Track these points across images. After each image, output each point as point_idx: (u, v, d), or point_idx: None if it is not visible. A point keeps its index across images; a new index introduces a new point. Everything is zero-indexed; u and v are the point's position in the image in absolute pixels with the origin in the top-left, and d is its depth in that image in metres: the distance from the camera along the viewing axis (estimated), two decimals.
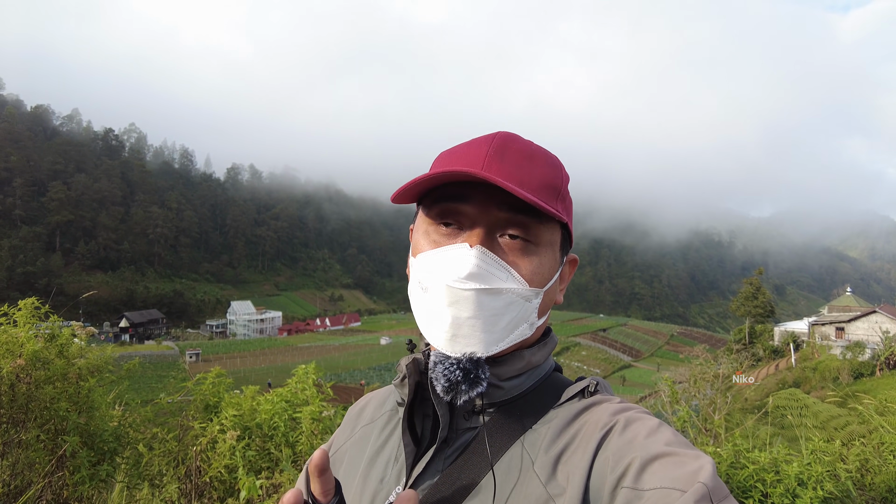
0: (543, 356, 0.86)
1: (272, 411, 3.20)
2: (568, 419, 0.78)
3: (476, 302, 0.75)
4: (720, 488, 0.61)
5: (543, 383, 0.85)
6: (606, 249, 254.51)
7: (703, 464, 0.63)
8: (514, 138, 0.83)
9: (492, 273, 0.76)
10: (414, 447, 0.82)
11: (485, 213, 0.78)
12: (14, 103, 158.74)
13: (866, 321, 43.22)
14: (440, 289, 0.77)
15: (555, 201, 0.80)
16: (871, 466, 3.40)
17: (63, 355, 3.12)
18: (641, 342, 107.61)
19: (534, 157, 0.82)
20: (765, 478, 2.74)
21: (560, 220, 0.81)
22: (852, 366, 32.13)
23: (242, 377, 44.37)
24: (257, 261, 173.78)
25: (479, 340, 0.77)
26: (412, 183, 0.77)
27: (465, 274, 0.75)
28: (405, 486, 0.80)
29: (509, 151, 0.80)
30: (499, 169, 0.77)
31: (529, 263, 0.79)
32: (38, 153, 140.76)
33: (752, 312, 55.87)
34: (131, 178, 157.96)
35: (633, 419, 0.74)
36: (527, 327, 0.80)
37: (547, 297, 0.83)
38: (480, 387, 0.76)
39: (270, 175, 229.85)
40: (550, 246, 0.82)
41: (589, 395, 0.82)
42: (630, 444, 0.69)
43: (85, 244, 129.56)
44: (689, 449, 0.67)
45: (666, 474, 0.63)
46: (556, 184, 0.82)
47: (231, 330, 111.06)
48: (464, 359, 0.77)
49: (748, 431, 4.43)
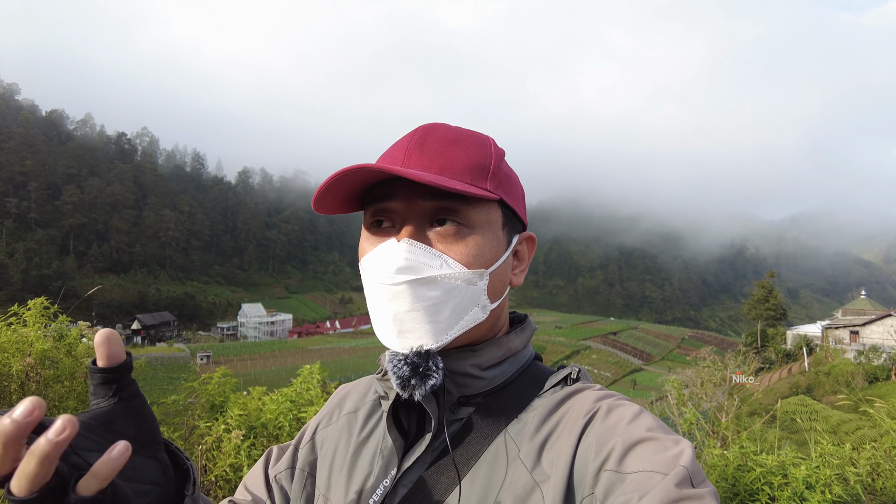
0: (522, 342, 0.86)
1: (277, 411, 3.22)
2: (552, 407, 0.79)
3: (411, 294, 0.75)
4: (699, 472, 0.63)
5: (525, 371, 0.85)
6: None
7: (683, 448, 0.65)
8: (437, 127, 0.83)
9: (423, 262, 0.75)
10: (402, 441, 0.82)
11: (411, 206, 0.78)
12: (29, 108, 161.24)
13: (881, 325, 42.66)
14: (377, 288, 0.77)
15: (483, 181, 0.79)
16: (881, 471, 3.35)
17: (71, 354, 3.16)
18: (652, 346, 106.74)
19: (458, 141, 0.80)
20: (772, 481, 2.72)
21: (493, 199, 0.80)
22: (866, 370, 31.74)
23: (253, 379, 44.44)
24: (268, 263, 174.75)
25: (424, 332, 0.76)
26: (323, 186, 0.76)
27: (395, 268, 0.75)
28: (394, 478, 0.80)
29: (430, 140, 0.80)
30: (418, 160, 0.77)
31: (464, 247, 0.77)
32: (53, 157, 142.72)
33: (763, 316, 55.37)
34: (143, 181, 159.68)
35: (615, 405, 0.74)
36: (478, 311, 0.79)
37: (495, 278, 0.81)
38: (433, 379, 0.75)
39: (281, 178, 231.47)
40: (488, 226, 0.80)
41: (571, 383, 0.82)
42: (613, 430, 0.70)
43: (98, 247, 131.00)
44: (669, 434, 0.69)
45: (648, 458, 0.65)
46: (484, 163, 0.80)
47: (241, 332, 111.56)
48: (411, 353, 0.76)
49: (756, 434, 4.39)
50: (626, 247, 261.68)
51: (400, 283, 0.75)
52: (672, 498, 0.59)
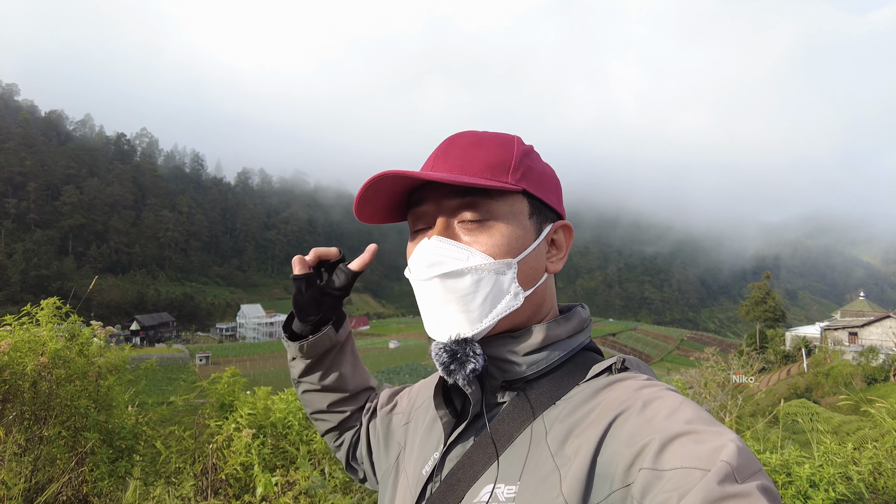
0: (567, 331, 0.86)
1: (286, 410, 3.25)
2: (589, 395, 0.79)
3: (442, 287, 0.81)
4: (746, 466, 0.58)
5: (572, 359, 0.86)
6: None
7: (725, 441, 0.61)
8: (462, 134, 0.88)
9: (450, 256, 0.80)
10: (451, 419, 0.88)
11: (439, 206, 0.84)
12: (28, 109, 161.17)
13: (880, 326, 42.68)
14: (416, 285, 0.85)
15: (504, 175, 0.82)
16: (883, 470, 3.37)
17: (83, 354, 3.19)
18: (651, 347, 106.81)
19: (481, 143, 0.85)
20: (776, 479, 2.75)
21: (515, 191, 0.83)
22: (865, 371, 31.78)
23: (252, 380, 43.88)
24: (267, 264, 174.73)
25: (460, 321, 0.81)
26: (358, 196, 0.84)
27: (426, 264, 0.81)
28: (442, 453, 0.87)
29: (454, 146, 0.85)
30: (442, 164, 0.84)
31: (489, 238, 0.81)
32: (52, 158, 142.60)
33: (761, 317, 55.34)
34: (143, 182, 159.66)
35: (653, 397, 0.72)
36: (511, 298, 0.82)
37: (525, 266, 0.83)
38: (472, 364, 0.80)
39: (280, 179, 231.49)
40: (513, 217, 0.83)
41: (616, 372, 0.81)
42: (649, 424, 0.67)
43: (97, 248, 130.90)
44: (711, 426, 0.65)
45: (686, 453, 0.61)
46: (505, 159, 0.83)
47: (241, 333, 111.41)
48: (450, 341, 0.81)
49: (759, 434, 4.41)
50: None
51: (431, 277, 0.81)
52: (714, 496, 0.56)
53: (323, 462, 3.09)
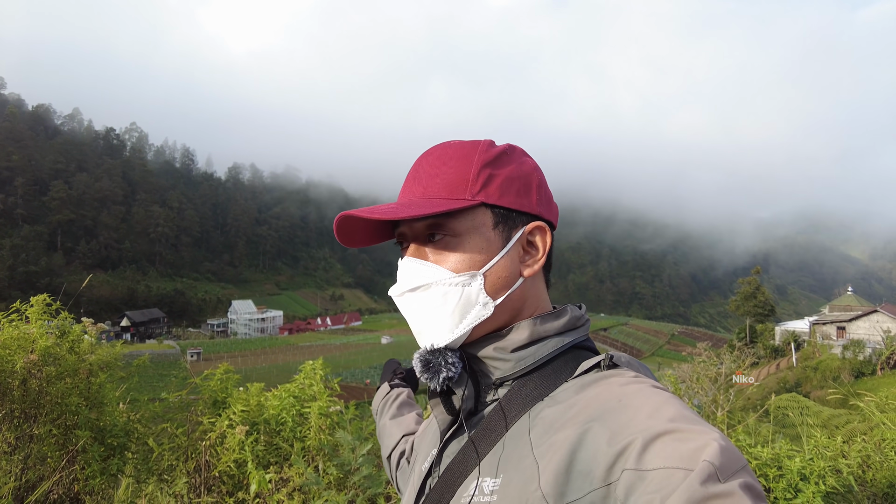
0: (555, 327, 0.87)
1: (280, 406, 3.24)
2: (575, 391, 0.79)
3: (414, 301, 0.87)
4: (729, 464, 0.58)
5: (562, 356, 0.87)
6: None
7: (708, 440, 0.60)
8: (432, 150, 0.91)
9: (419, 273, 0.86)
10: (447, 416, 0.90)
11: (411, 228, 0.89)
12: (15, 102, 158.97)
13: (867, 320, 43.16)
14: (396, 301, 0.92)
15: (462, 191, 0.85)
16: (872, 462, 3.42)
17: (74, 351, 3.16)
18: (642, 342, 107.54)
19: (444, 160, 0.88)
20: (767, 472, 2.76)
21: (473, 205, 0.86)
22: (853, 365, 32.15)
23: (244, 376, 43.80)
24: (258, 260, 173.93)
25: (434, 331, 0.86)
26: (336, 231, 0.89)
27: (401, 282, 0.89)
28: (439, 451, 0.91)
29: (423, 166, 0.90)
30: (413, 187, 0.89)
31: (452, 254, 0.85)
32: (40, 152, 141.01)
33: (751, 312, 55.79)
34: (133, 177, 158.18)
35: (637, 393, 0.72)
36: (480, 308, 0.85)
37: (494, 275, 0.86)
38: (444, 372, 0.84)
39: (272, 174, 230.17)
40: (475, 230, 0.86)
41: (605, 369, 0.82)
42: (631, 422, 0.67)
43: (86, 243, 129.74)
44: (694, 424, 0.64)
45: (668, 453, 0.60)
46: (464, 175, 0.86)
47: (232, 329, 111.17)
48: (425, 351, 0.87)
49: (750, 428, 4.45)
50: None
51: (403, 292, 0.89)
52: (697, 497, 0.56)
53: (317, 458, 3.09)
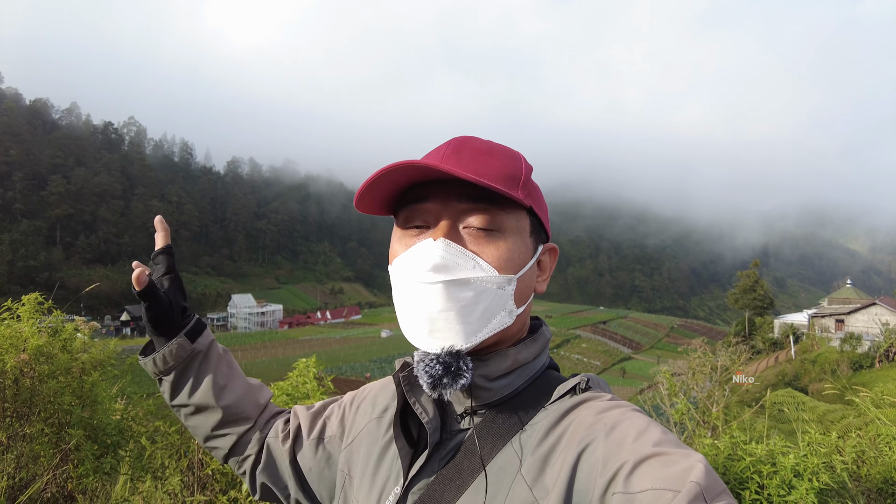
0: (532, 353, 0.85)
1: None
2: (555, 419, 0.78)
3: (446, 293, 0.76)
4: (713, 486, 0.60)
5: (535, 382, 0.85)
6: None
7: (693, 462, 0.62)
8: (471, 139, 0.86)
9: (457, 263, 0.77)
10: (409, 449, 0.84)
11: (446, 207, 0.80)
12: (13, 97, 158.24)
13: (866, 313, 43.28)
14: (412, 286, 0.79)
15: (515, 189, 0.81)
16: (866, 458, 3.42)
17: (66, 350, 3.14)
18: (641, 334, 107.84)
19: (491, 152, 0.83)
20: (761, 469, 2.76)
21: (524, 206, 0.82)
22: (851, 358, 32.24)
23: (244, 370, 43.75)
24: (258, 254, 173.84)
25: (456, 332, 0.77)
26: (366, 184, 0.79)
27: (431, 267, 0.76)
28: (403, 486, 0.83)
29: (465, 149, 0.82)
30: (455, 163, 0.79)
31: (496, 250, 0.79)
32: (38, 147, 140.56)
33: (750, 305, 55.87)
34: (131, 171, 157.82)
35: (619, 420, 0.72)
36: (505, 315, 0.80)
37: (522, 284, 0.82)
38: (464, 379, 0.77)
39: (271, 168, 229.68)
40: (518, 232, 0.82)
41: (580, 392, 0.81)
42: (619, 447, 0.68)
43: (85, 238, 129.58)
44: (678, 448, 0.66)
45: (656, 475, 0.62)
46: (516, 173, 0.82)
47: (232, 323, 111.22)
48: (443, 353, 0.78)
49: (745, 424, 4.46)
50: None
51: (436, 282, 0.76)
52: None
53: None
